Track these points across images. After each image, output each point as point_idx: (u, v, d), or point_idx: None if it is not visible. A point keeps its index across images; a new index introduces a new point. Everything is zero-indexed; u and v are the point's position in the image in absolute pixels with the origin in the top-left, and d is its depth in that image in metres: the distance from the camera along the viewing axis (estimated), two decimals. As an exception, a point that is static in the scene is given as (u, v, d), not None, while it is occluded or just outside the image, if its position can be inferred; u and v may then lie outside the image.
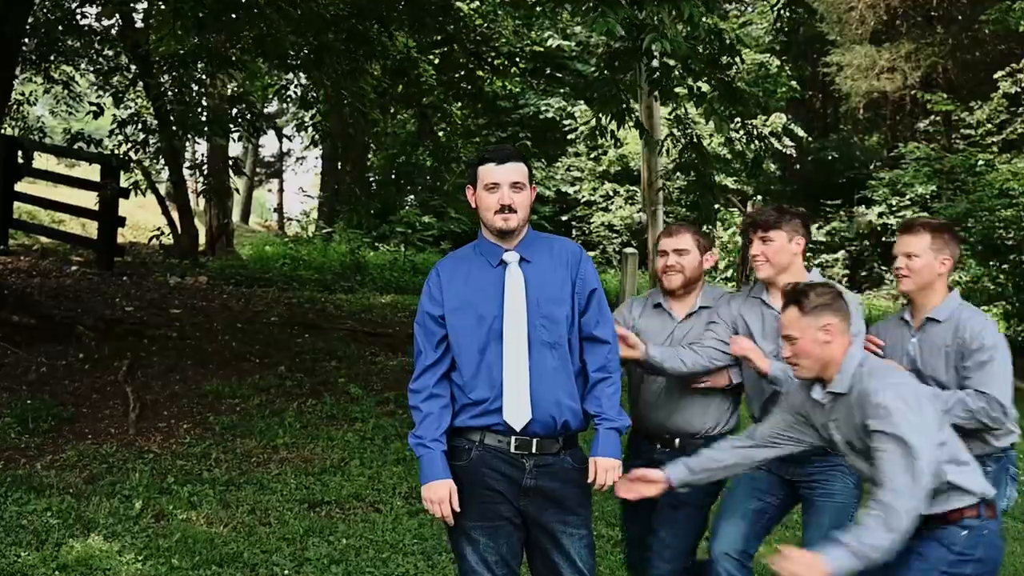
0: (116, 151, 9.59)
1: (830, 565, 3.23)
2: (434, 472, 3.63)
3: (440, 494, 3.61)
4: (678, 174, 18.04)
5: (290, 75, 11.05)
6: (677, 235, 4.50)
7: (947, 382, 4.01)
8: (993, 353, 3.96)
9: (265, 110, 21.94)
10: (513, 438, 3.66)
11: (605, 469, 3.68)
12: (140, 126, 9.53)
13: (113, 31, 11.72)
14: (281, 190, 37.72)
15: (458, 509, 3.62)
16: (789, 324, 3.60)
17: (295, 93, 10.48)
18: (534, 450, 3.67)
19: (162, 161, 13.10)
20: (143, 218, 19.44)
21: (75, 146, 9.58)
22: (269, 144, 40.15)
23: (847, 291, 4.26)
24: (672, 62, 7.16)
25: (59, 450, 7.14)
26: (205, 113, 9.31)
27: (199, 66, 9.39)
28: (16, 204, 14.12)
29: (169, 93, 9.09)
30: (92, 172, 13.90)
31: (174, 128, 9.71)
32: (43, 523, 5.79)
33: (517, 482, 3.68)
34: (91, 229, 14.63)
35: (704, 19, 7.55)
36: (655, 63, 7.24)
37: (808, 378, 3.66)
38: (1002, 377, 3.94)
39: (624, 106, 7.18)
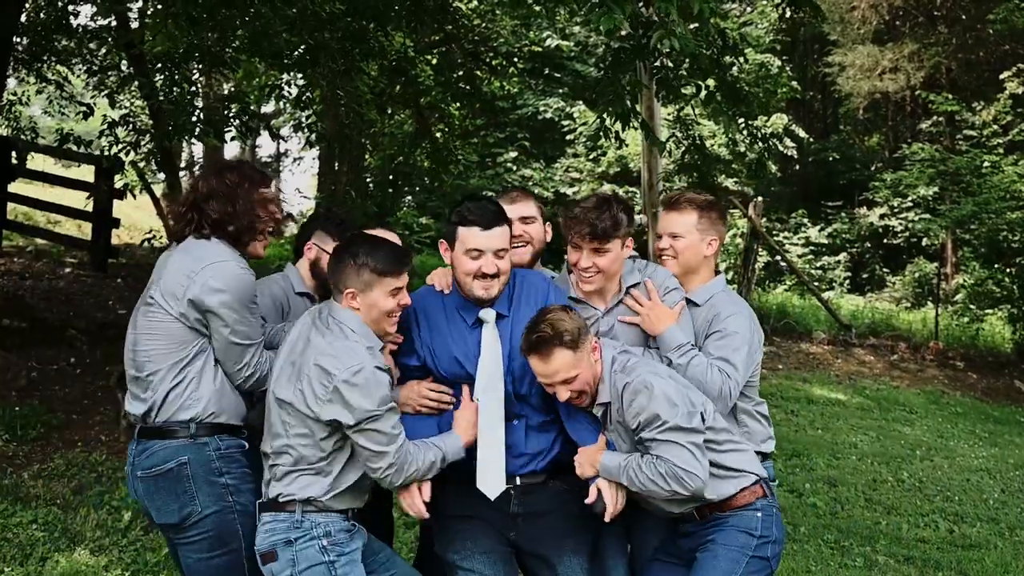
0: (107, 152, 9.40)
1: (606, 461, 3.46)
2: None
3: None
4: (678, 175, 17.92)
5: (285, 75, 10.84)
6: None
7: None
8: (738, 335, 3.74)
9: (262, 110, 21.80)
10: None
11: (608, 489, 3.48)
12: (132, 127, 9.35)
13: (109, 32, 11.53)
14: (278, 191, 37.52)
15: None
16: (565, 367, 3.40)
17: (290, 93, 10.26)
18: (519, 482, 3.60)
19: (159, 160, 12.92)
20: (139, 219, 19.24)
21: (64, 146, 9.38)
22: (266, 144, 39.90)
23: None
24: (678, 60, 6.99)
25: (47, 458, 7.00)
26: (198, 114, 9.10)
27: (192, 65, 9.22)
28: (12, 205, 13.95)
29: (162, 94, 8.91)
30: (87, 173, 13.71)
31: (169, 128, 9.55)
32: (28, 536, 5.64)
33: (504, 510, 3.57)
34: (87, 230, 14.43)
35: (712, 18, 7.41)
36: (660, 61, 7.08)
37: (588, 406, 3.55)
38: (744, 357, 3.71)
39: (628, 104, 7.00)
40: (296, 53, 8.89)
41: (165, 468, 3.48)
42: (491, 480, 3.51)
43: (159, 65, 9.18)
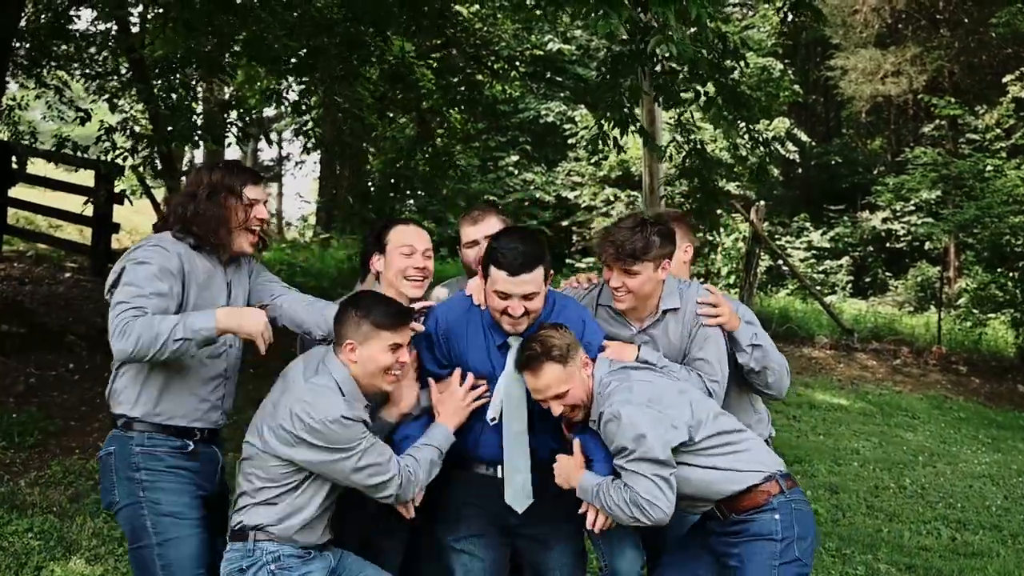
0: (103, 157, 9.35)
1: (582, 482, 3.52)
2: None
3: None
4: (679, 180, 17.91)
5: (283, 80, 10.78)
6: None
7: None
8: (755, 320, 4.06)
9: (264, 114, 21.73)
10: (499, 468, 3.73)
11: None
12: (128, 132, 9.31)
13: (110, 37, 11.50)
14: (280, 195, 37.46)
15: None
16: (556, 383, 3.49)
17: (287, 99, 10.20)
18: None
19: (157, 166, 12.88)
20: (140, 223, 19.21)
21: (62, 151, 9.35)
22: (268, 148, 39.88)
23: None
24: (677, 65, 6.95)
25: (44, 466, 6.96)
26: (196, 119, 9.05)
27: (190, 71, 9.18)
28: (14, 210, 13.94)
29: (160, 99, 8.87)
30: (89, 178, 13.68)
31: (168, 133, 9.52)
32: (24, 545, 5.60)
33: (503, 496, 3.71)
34: (89, 235, 14.41)
35: (711, 23, 7.36)
36: (661, 66, 7.04)
37: (583, 420, 3.62)
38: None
39: (626, 111, 6.96)
40: (293, 59, 8.81)
41: (101, 455, 3.64)
42: (520, 497, 3.67)
43: (157, 70, 9.15)
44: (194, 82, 9.95)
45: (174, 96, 8.63)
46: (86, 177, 14.88)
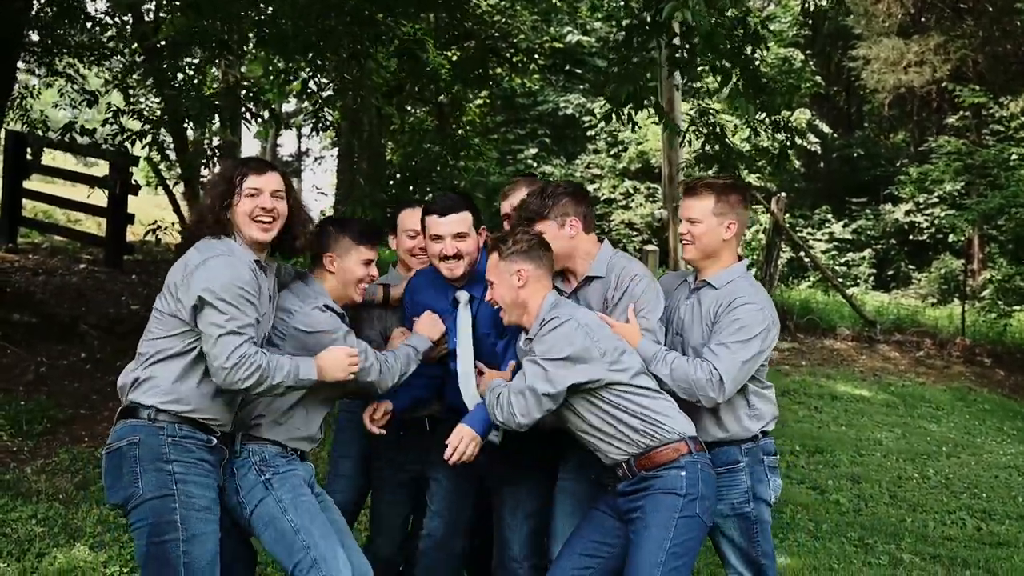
0: (109, 142, 9.25)
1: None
2: None
3: None
4: (698, 166, 17.75)
5: (292, 63, 10.68)
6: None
7: (700, 349, 3.82)
8: (747, 327, 3.72)
9: (283, 109, 21.65)
10: None
11: (460, 436, 3.81)
12: (138, 116, 9.23)
13: (127, 27, 11.45)
14: (300, 189, 37.50)
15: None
16: (489, 270, 3.84)
17: (294, 77, 10.06)
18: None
19: (167, 153, 12.82)
20: (158, 215, 19.19)
21: (66, 137, 9.25)
22: (288, 143, 39.90)
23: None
24: (694, 41, 6.77)
25: (52, 453, 6.91)
26: (204, 100, 8.92)
27: (198, 52, 9.11)
28: (32, 203, 13.92)
29: (169, 81, 8.79)
30: (105, 170, 13.64)
31: (185, 119, 9.44)
32: (27, 531, 5.54)
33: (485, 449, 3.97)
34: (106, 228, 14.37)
35: (731, 11, 7.19)
36: (676, 40, 6.87)
37: (514, 323, 3.87)
38: (750, 351, 3.71)
39: (641, 84, 6.78)
40: (301, 40, 8.66)
41: (116, 446, 3.48)
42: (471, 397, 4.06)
43: (165, 53, 9.06)
44: (204, 65, 9.87)
45: (180, 76, 8.56)
46: (104, 170, 14.85)
